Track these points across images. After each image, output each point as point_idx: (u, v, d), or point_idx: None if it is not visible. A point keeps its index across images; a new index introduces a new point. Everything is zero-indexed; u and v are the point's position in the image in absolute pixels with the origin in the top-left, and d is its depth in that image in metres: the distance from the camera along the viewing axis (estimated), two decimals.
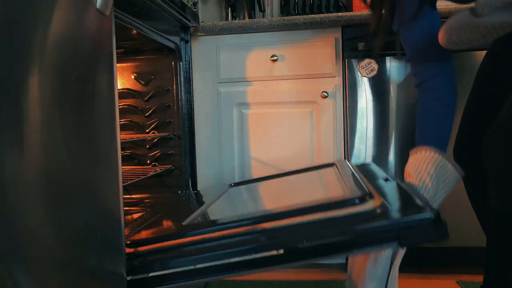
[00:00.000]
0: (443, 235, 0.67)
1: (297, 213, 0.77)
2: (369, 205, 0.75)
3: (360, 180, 0.92)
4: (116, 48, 0.68)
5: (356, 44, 1.46)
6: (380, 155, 1.48)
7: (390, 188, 0.91)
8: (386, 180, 0.99)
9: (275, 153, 1.52)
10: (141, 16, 1.08)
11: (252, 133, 1.53)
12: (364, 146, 1.48)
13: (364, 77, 1.46)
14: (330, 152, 1.49)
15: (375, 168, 1.21)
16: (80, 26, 0.58)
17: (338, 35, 1.47)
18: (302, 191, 1.10)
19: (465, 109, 1.03)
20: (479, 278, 0.94)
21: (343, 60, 1.47)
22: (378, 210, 0.74)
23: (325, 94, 1.47)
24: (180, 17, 1.30)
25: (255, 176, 1.52)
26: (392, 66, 1.45)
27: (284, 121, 1.51)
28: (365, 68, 1.45)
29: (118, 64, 1.15)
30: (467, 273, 1.41)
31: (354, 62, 1.46)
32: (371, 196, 0.77)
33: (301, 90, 1.50)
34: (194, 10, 1.72)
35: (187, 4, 1.48)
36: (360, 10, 1.65)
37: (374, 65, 1.45)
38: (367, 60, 1.45)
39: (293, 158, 1.51)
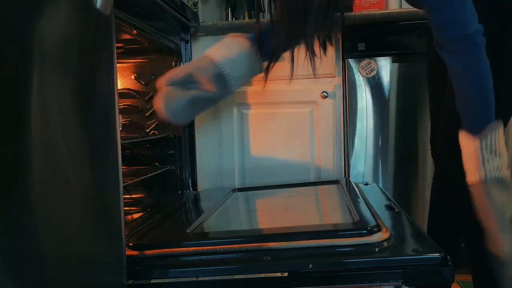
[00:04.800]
0: (449, 278, 0.65)
1: (304, 236, 0.77)
2: (376, 237, 0.74)
3: (367, 206, 0.91)
4: (116, 48, 0.68)
5: (356, 44, 1.46)
6: (380, 155, 1.48)
7: (397, 220, 0.90)
8: (392, 208, 0.98)
9: (275, 153, 1.52)
10: (141, 16, 1.08)
11: (252, 133, 1.53)
12: (364, 146, 1.48)
13: (364, 77, 1.46)
14: (330, 152, 1.49)
15: (379, 191, 1.20)
16: (80, 26, 0.58)
17: (338, 35, 1.47)
18: (308, 208, 1.10)
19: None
20: None
21: (343, 60, 1.47)
22: (386, 244, 0.73)
23: (325, 94, 1.47)
24: (180, 17, 1.30)
25: (255, 176, 1.53)
26: (392, 66, 1.45)
27: (284, 121, 1.51)
28: (365, 68, 1.45)
29: (118, 64, 1.15)
30: (467, 273, 1.40)
31: (354, 62, 1.46)
32: (379, 227, 0.76)
33: (301, 90, 1.50)
34: (194, 10, 1.72)
35: (187, 4, 1.48)
36: (360, 10, 1.65)
37: (374, 65, 1.45)
38: (366, 60, 1.45)
39: (293, 158, 1.51)
